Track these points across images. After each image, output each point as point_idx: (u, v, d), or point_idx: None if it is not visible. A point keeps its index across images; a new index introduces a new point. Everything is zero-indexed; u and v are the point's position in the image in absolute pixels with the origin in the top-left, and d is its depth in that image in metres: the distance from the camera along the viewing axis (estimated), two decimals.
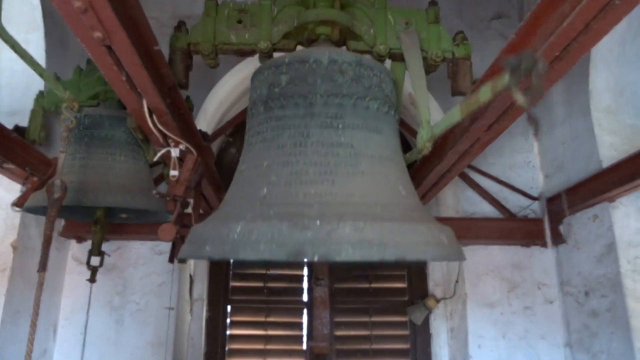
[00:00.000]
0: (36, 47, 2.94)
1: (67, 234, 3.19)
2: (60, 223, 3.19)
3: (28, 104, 2.78)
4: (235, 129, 4.02)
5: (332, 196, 1.31)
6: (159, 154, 1.95)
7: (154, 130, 1.82)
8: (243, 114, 3.82)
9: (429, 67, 1.96)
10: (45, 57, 2.98)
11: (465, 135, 1.96)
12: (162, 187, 3.10)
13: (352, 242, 1.13)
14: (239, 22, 1.93)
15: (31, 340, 1.45)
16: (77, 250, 3.29)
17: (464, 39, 1.98)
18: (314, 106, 1.48)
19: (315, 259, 1.12)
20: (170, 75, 1.78)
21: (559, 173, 3.31)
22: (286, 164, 1.40)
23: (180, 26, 1.96)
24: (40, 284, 1.49)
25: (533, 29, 1.44)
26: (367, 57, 1.72)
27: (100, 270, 2.65)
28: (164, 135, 1.91)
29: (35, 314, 1.47)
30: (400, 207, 1.37)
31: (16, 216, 2.70)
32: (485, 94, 1.23)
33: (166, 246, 3.35)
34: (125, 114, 2.46)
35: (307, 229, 1.15)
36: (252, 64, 3.78)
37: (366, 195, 1.34)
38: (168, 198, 1.82)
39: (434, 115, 1.83)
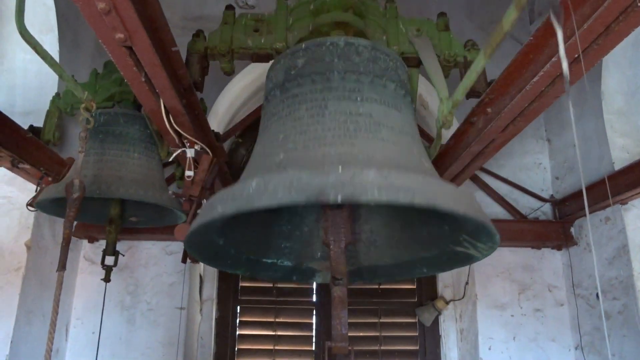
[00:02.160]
0: (50, 48, 2.95)
1: (79, 234, 3.21)
2: (72, 224, 3.21)
3: (41, 104, 2.81)
4: (245, 130, 4.02)
5: (353, 156, 1.24)
6: (174, 154, 1.97)
7: (170, 131, 1.84)
8: (253, 115, 3.84)
9: (442, 70, 1.97)
10: (58, 58, 3.00)
11: (480, 136, 1.96)
12: (173, 188, 3.12)
13: (378, 185, 1.02)
14: (256, 30, 1.97)
15: (51, 339, 1.47)
16: (89, 250, 3.32)
17: (474, 45, 2.00)
18: (331, 81, 1.45)
19: (339, 199, 1.00)
20: (187, 76, 1.79)
21: (570, 175, 3.31)
22: (304, 132, 1.35)
23: (198, 34, 2.00)
24: (60, 283, 1.50)
25: (552, 29, 1.44)
26: (383, 45, 1.72)
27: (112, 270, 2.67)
28: (180, 136, 1.92)
29: (55, 312, 1.49)
30: (425, 173, 1.29)
31: (30, 216, 2.73)
32: (510, 15, 1.15)
33: (177, 246, 3.37)
34: (140, 114, 2.49)
35: (329, 174, 1.03)
36: (262, 65, 3.80)
37: (388, 159, 1.27)
38: (184, 198, 1.83)
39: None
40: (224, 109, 3.77)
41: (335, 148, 1.26)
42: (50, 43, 2.98)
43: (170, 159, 1.98)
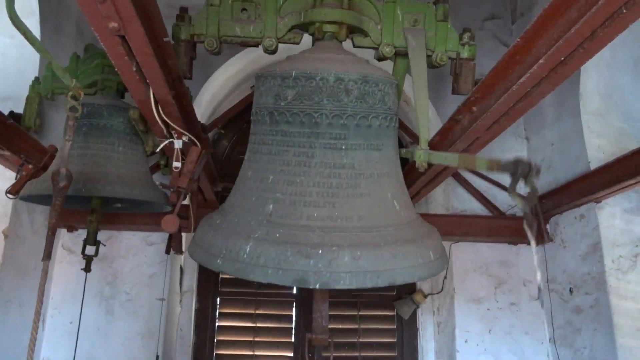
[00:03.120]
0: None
1: (57, 222, 3.14)
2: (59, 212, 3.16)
3: (21, 89, 2.74)
4: (228, 122, 4.01)
5: (333, 220, 1.45)
6: (161, 145, 1.95)
7: (159, 121, 1.82)
8: (236, 107, 3.83)
9: (433, 67, 1.99)
10: None
11: (465, 134, 2.00)
12: (157, 177, 3.09)
13: (350, 272, 1.31)
14: (244, 10, 1.90)
15: (35, 329, 1.46)
16: (67, 239, 3.26)
17: (471, 38, 1.97)
18: (319, 126, 1.56)
19: (317, 286, 1.29)
20: (176, 66, 1.78)
21: (547, 173, 3.39)
22: (291, 183, 1.52)
23: (182, 15, 1.94)
24: (45, 273, 1.49)
25: (539, 33, 1.48)
26: (373, 73, 1.69)
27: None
28: (167, 127, 1.91)
29: (40, 302, 1.47)
30: (394, 226, 1.54)
31: (8, 203, 2.67)
32: (481, 165, 1.29)
33: (157, 237, 3.35)
34: (124, 104, 2.46)
35: (310, 258, 1.31)
36: (246, 56, 3.78)
37: (363, 218, 1.49)
38: (172, 189, 1.83)
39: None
40: (207, 99, 3.74)
41: (318, 210, 1.47)
42: (32, 26, 2.86)
43: (157, 150, 1.96)
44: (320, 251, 1.32)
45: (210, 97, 3.80)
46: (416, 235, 1.57)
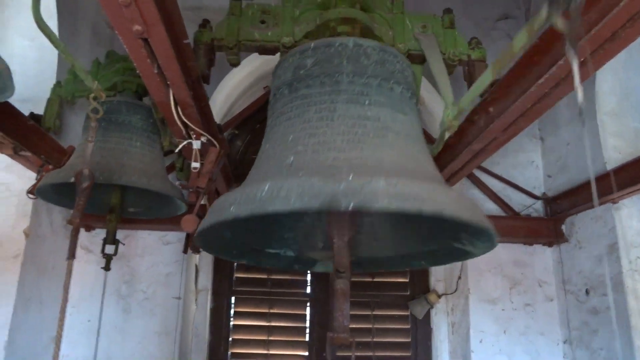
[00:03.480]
0: None
1: (80, 222, 3.20)
2: (68, 212, 3.21)
3: (40, 91, 2.79)
4: (242, 122, 4.04)
5: (362, 160, 1.27)
6: (180, 146, 1.98)
7: (178, 122, 1.85)
8: (250, 107, 3.88)
9: (447, 68, 2.01)
10: None
11: (481, 135, 2.01)
12: (171, 179, 3.13)
13: (388, 194, 1.06)
14: (262, 22, 1.98)
15: (61, 326, 1.48)
16: (85, 238, 3.31)
17: (478, 44, 2.04)
18: (340, 84, 1.48)
19: (350, 207, 1.03)
20: (195, 68, 1.80)
21: (562, 173, 3.38)
22: (313, 135, 1.37)
23: (205, 24, 2.00)
24: (69, 272, 1.52)
25: (557, 34, 1.48)
26: (390, 47, 1.75)
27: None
28: (186, 127, 1.94)
29: (65, 300, 1.50)
30: (431, 180, 1.31)
31: (28, 203, 2.72)
32: (520, 40, 1.15)
33: (173, 237, 3.39)
34: (142, 102, 2.50)
35: (341, 182, 1.07)
36: (259, 57, 3.80)
37: (396, 165, 1.30)
38: (191, 189, 1.85)
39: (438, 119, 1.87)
40: (222, 99, 3.78)
41: (344, 153, 1.29)
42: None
43: (177, 150, 1.99)
44: (351, 177, 1.09)
45: (225, 97, 3.83)
46: (456, 193, 1.31)
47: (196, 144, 1.96)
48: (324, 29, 1.91)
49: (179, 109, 1.82)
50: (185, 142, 1.98)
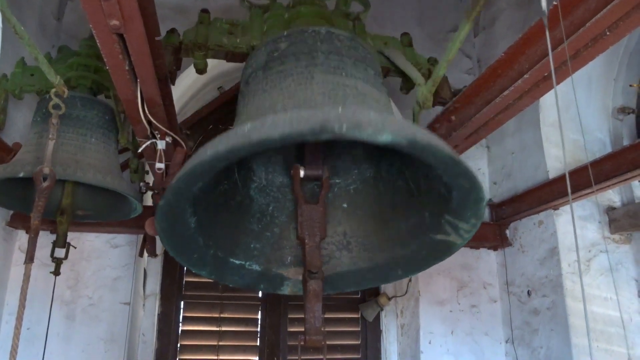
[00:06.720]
0: None
1: (15, 224, 3.01)
2: (8, 213, 3.01)
3: None
4: (195, 123, 3.96)
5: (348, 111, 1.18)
6: (144, 145, 1.92)
7: (144, 120, 1.79)
8: (205, 108, 3.82)
9: (408, 84, 2.11)
10: (0, 39, 2.79)
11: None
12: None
13: (381, 121, 0.99)
14: (230, 33, 2.02)
15: (17, 335, 1.39)
16: (25, 241, 3.11)
17: (435, 61, 2.18)
18: (316, 59, 1.46)
19: (344, 129, 0.94)
20: (164, 66, 1.76)
21: (507, 180, 3.56)
22: (292, 97, 1.32)
23: (173, 31, 2.00)
24: (28, 276, 1.43)
25: (520, 49, 1.58)
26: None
27: (48, 263, 2.52)
28: (151, 126, 1.88)
29: (22, 307, 1.41)
30: None
31: None
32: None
33: (122, 239, 3.26)
34: (98, 100, 2.39)
35: (331, 111, 0.98)
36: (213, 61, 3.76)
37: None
38: (157, 191, 1.79)
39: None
40: (174, 100, 3.68)
41: (327, 107, 1.20)
42: None
43: (140, 150, 1.92)
44: (340, 109, 0.99)
45: (177, 97, 3.74)
46: None
47: (161, 144, 1.91)
48: None
49: (146, 107, 1.77)
50: (149, 142, 1.92)
